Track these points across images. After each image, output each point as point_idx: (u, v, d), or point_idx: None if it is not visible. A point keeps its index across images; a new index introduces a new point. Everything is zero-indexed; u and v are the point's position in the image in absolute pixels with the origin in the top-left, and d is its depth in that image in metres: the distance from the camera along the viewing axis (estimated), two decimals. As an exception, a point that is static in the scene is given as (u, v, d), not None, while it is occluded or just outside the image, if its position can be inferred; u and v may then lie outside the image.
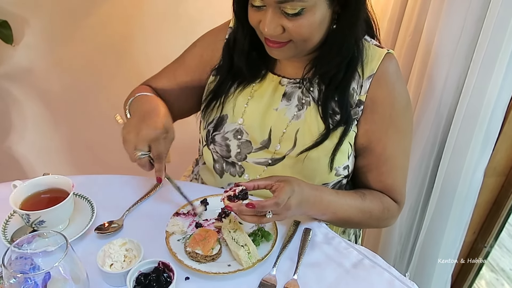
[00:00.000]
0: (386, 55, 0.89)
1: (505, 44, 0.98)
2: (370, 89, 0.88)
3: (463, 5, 1.03)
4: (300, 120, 0.91)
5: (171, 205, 0.90)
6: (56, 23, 1.61)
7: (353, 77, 0.89)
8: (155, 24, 1.67)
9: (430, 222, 1.26)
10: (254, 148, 0.95)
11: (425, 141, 1.19)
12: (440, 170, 1.18)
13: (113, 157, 1.94)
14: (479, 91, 1.05)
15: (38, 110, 1.77)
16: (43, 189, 0.84)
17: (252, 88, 0.96)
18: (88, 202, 0.88)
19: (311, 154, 0.89)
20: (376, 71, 0.88)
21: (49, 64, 1.68)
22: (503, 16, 0.96)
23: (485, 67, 1.02)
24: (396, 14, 1.32)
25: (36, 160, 1.88)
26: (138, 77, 1.76)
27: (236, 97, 0.97)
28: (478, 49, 1.03)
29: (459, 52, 1.08)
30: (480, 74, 1.04)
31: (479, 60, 1.03)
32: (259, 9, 0.79)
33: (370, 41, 0.92)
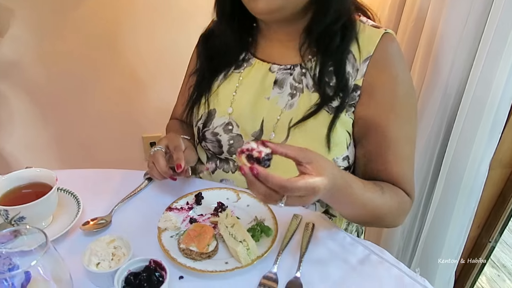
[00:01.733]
0: (384, 35, 0.82)
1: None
2: (367, 72, 0.82)
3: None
4: (293, 109, 0.86)
5: (163, 200, 0.85)
6: (44, 14, 1.55)
7: (348, 53, 0.83)
8: (146, 16, 1.62)
9: (434, 216, 1.22)
10: (246, 142, 0.89)
11: (429, 131, 1.15)
12: (445, 161, 1.13)
13: (103, 152, 1.90)
14: (486, 79, 1.00)
15: (25, 105, 1.71)
16: (24, 184, 0.78)
17: (240, 75, 0.92)
18: (74, 197, 0.82)
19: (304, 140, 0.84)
20: (373, 53, 0.81)
21: (37, 56, 1.62)
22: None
23: (492, 54, 0.98)
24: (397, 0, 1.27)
25: (22, 157, 1.81)
26: (129, 69, 1.72)
27: (222, 89, 0.92)
28: (485, 36, 0.99)
29: (465, 38, 1.03)
30: (487, 62, 0.99)
31: (486, 46, 0.98)
32: None
33: (366, 21, 0.86)
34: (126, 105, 1.81)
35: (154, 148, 0.83)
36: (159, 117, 1.60)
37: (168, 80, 1.72)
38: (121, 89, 1.77)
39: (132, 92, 1.79)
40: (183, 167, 0.79)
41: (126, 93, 1.78)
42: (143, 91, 1.80)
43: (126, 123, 1.86)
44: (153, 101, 1.82)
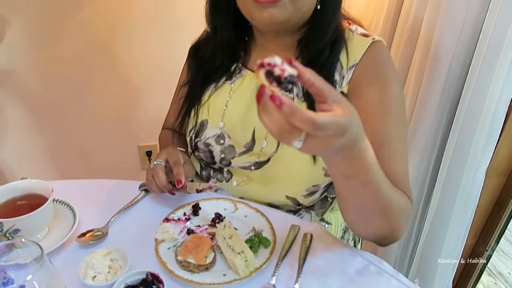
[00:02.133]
0: (372, 43, 0.81)
1: (507, 40, 0.94)
2: (352, 78, 0.81)
3: (464, -2, 1.00)
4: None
5: (160, 210, 0.84)
6: (39, 22, 1.54)
7: (337, 62, 0.81)
8: (142, 24, 1.62)
9: (431, 225, 1.22)
10: (238, 153, 0.89)
11: (425, 140, 1.15)
12: (441, 169, 1.14)
13: (99, 161, 1.88)
14: (481, 88, 1.01)
15: (20, 113, 1.70)
16: (19, 195, 0.77)
17: (230, 89, 0.90)
18: (70, 209, 0.81)
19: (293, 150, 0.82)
20: (359, 60, 0.81)
21: (31, 65, 1.62)
22: (506, 10, 0.92)
23: (487, 63, 0.99)
24: (392, 10, 1.28)
25: (17, 165, 1.80)
26: (125, 76, 1.71)
27: (213, 100, 0.91)
28: (479, 45, 1.00)
29: (460, 47, 1.04)
30: (482, 71, 1.00)
31: (481, 56, 0.99)
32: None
33: (355, 30, 0.85)
34: (122, 113, 1.81)
35: (153, 161, 0.83)
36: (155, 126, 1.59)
37: (165, 88, 1.71)
38: (117, 97, 1.76)
39: (128, 101, 1.78)
40: (183, 183, 0.78)
41: (122, 102, 1.78)
42: (140, 99, 1.79)
43: (122, 131, 1.85)
44: (149, 109, 1.81)
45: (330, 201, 0.93)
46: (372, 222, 0.70)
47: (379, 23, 1.35)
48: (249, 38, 0.91)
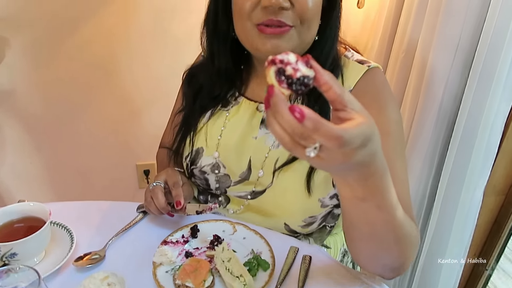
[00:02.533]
0: (367, 71, 0.81)
1: (502, 60, 0.96)
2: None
3: (458, 19, 1.02)
4: (280, 147, 0.83)
5: (158, 233, 0.83)
6: (39, 43, 1.56)
7: None
8: (141, 44, 1.64)
9: (430, 244, 1.22)
10: (233, 182, 0.88)
11: (423, 160, 1.16)
12: (439, 189, 1.14)
13: (97, 180, 1.88)
14: (477, 108, 1.02)
15: (18, 133, 1.70)
16: (16, 218, 0.76)
17: (225, 118, 0.89)
18: (67, 231, 0.80)
19: (287, 183, 0.82)
20: (353, 87, 0.80)
21: (31, 85, 1.62)
22: (500, 29, 0.94)
23: (483, 83, 1.00)
24: (388, 31, 1.31)
25: (14, 185, 1.79)
26: (123, 96, 1.72)
27: (208, 129, 0.90)
28: (474, 65, 1.01)
29: (455, 68, 1.06)
30: (478, 90, 1.01)
31: (476, 75, 1.01)
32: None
33: (351, 56, 0.85)
34: (120, 132, 1.81)
35: (152, 183, 0.83)
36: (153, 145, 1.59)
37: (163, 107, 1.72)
38: (115, 116, 1.77)
39: (126, 120, 1.79)
40: (182, 204, 0.78)
41: (121, 121, 1.78)
42: (138, 118, 1.80)
43: (120, 150, 1.85)
44: (147, 128, 1.82)
45: (328, 229, 0.92)
46: (383, 251, 0.64)
47: (374, 43, 1.37)
48: (245, 65, 0.90)
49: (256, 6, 0.73)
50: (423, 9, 1.12)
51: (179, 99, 1.00)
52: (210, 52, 0.86)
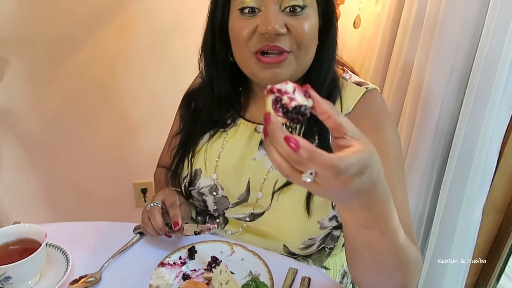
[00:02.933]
0: (366, 92, 0.81)
1: (497, 79, 0.97)
2: None
3: (453, 39, 1.04)
4: None
5: (155, 254, 0.82)
6: (37, 63, 1.57)
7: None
8: (138, 64, 1.65)
9: (430, 263, 1.21)
10: (231, 204, 0.88)
11: (421, 178, 1.16)
12: (438, 209, 1.14)
13: (93, 199, 1.86)
14: (474, 126, 1.03)
15: (15, 152, 1.70)
16: (12, 240, 0.75)
17: (224, 139, 0.89)
18: (63, 253, 0.79)
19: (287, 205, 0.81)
20: (352, 109, 0.80)
21: (29, 105, 1.63)
22: (494, 49, 0.95)
23: (478, 102, 1.01)
24: (384, 51, 1.32)
25: (10, 204, 1.77)
26: (122, 116, 1.72)
27: (207, 150, 0.90)
28: (470, 84, 1.03)
29: (451, 87, 1.07)
30: (474, 109, 1.02)
31: (472, 95, 1.02)
32: (252, 15, 0.72)
33: (349, 78, 0.85)
34: (118, 151, 1.81)
35: (149, 203, 0.82)
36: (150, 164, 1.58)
37: (160, 126, 1.72)
38: (112, 135, 1.77)
39: (123, 139, 1.79)
40: (180, 225, 0.77)
41: (118, 140, 1.78)
42: (135, 137, 1.80)
43: (117, 169, 1.84)
44: (144, 147, 1.82)
45: (328, 251, 0.91)
46: (386, 276, 0.63)
47: (371, 63, 1.39)
48: (243, 87, 0.90)
49: (253, 34, 0.73)
50: (418, 30, 1.14)
51: (177, 121, 0.99)
52: (209, 78, 0.86)
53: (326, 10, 0.77)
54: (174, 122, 1.03)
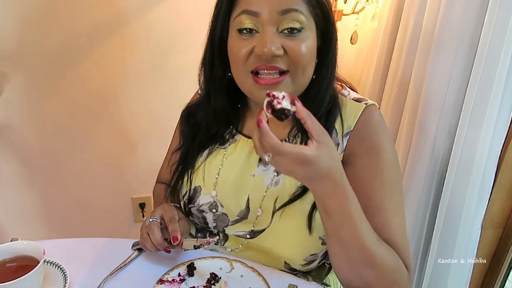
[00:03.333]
0: (365, 109, 0.81)
1: (493, 94, 0.98)
2: (347, 146, 0.80)
3: (449, 56, 1.05)
4: (278, 186, 0.83)
5: (154, 271, 0.81)
6: (37, 78, 1.58)
7: (332, 130, 0.81)
8: (137, 79, 1.66)
9: (430, 279, 1.20)
10: (231, 221, 0.87)
11: (419, 196, 1.16)
12: (436, 225, 1.14)
13: (92, 214, 1.85)
14: (472, 140, 1.04)
15: (13, 168, 1.69)
16: (9, 257, 0.74)
17: (223, 156, 0.89)
18: (61, 270, 0.78)
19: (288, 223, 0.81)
20: (353, 127, 0.81)
21: (27, 120, 1.63)
22: (490, 65, 0.96)
23: (475, 117, 1.02)
24: (381, 66, 1.34)
25: (8, 221, 1.76)
26: (121, 131, 1.73)
27: (206, 167, 0.90)
28: (467, 100, 1.03)
29: (448, 103, 1.08)
30: (471, 125, 1.03)
31: (469, 110, 1.02)
32: (250, 35, 0.73)
33: (348, 94, 0.85)
34: (116, 166, 1.80)
35: (148, 219, 0.82)
36: (148, 178, 1.58)
37: (159, 141, 1.72)
38: (111, 150, 1.77)
39: (122, 153, 1.79)
40: (179, 240, 0.77)
41: (116, 154, 1.78)
42: (133, 152, 1.80)
43: (115, 184, 1.84)
44: (143, 162, 1.82)
45: (328, 266, 0.91)
46: (355, 273, 0.71)
47: (368, 78, 1.40)
48: (242, 103, 0.90)
49: (250, 54, 0.74)
50: (415, 46, 1.16)
51: (176, 137, 0.99)
52: (207, 93, 0.86)
53: (325, 31, 0.77)
54: (174, 137, 1.03)
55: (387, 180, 0.77)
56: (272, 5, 0.70)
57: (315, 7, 0.74)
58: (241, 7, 0.73)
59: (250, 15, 0.71)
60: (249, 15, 0.72)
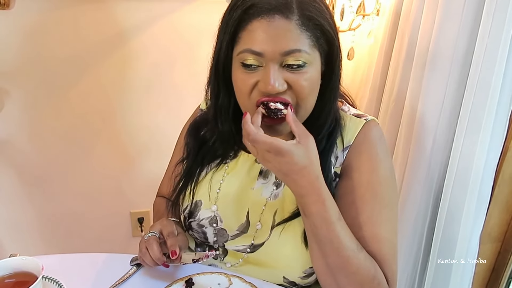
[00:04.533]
0: (365, 124, 0.83)
1: (488, 108, 0.99)
2: (346, 159, 0.82)
3: (444, 71, 1.06)
4: (278, 199, 0.85)
5: (153, 287, 0.82)
6: (37, 94, 1.60)
7: (333, 148, 0.83)
8: (136, 95, 1.68)
9: (429, 294, 1.19)
10: (230, 236, 0.88)
11: (416, 210, 1.16)
12: (434, 240, 1.13)
13: (90, 229, 1.85)
14: (468, 155, 1.04)
15: (12, 183, 1.70)
16: (8, 273, 0.75)
17: (224, 171, 0.91)
18: (59, 286, 0.78)
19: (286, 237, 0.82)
20: (353, 142, 0.83)
21: (26, 135, 1.65)
22: (484, 79, 0.98)
23: (471, 131, 1.03)
24: (377, 81, 1.35)
25: (6, 237, 1.76)
26: (119, 146, 1.74)
27: (208, 181, 0.91)
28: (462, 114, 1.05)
29: (444, 117, 1.09)
30: (467, 138, 1.04)
31: (464, 124, 1.03)
32: (254, 70, 0.73)
33: (348, 110, 0.88)
34: (115, 180, 1.81)
35: (147, 233, 0.82)
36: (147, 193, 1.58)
37: (157, 155, 1.74)
38: (109, 164, 1.78)
39: (120, 168, 1.80)
40: (178, 254, 0.77)
41: (115, 169, 1.79)
42: (132, 166, 1.81)
43: (114, 198, 1.84)
44: (141, 176, 1.82)
45: None
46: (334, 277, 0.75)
47: (365, 93, 1.42)
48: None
49: (254, 87, 0.74)
50: (410, 62, 1.17)
51: (178, 150, 1.00)
52: (214, 116, 0.86)
53: (329, 55, 0.78)
54: (175, 150, 1.04)
55: (378, 195, 0.79)
56: (275, 47, 0.70)
57: (319, 38, 0.74)
58: (244, 45, 0.73)
59: (254, 54, 0.72)
60: (252, 54, 0.72)
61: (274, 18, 0.70)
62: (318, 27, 0.73)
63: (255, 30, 0.71)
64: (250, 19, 0.72)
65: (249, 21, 0.72)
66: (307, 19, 0.72)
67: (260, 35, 0.71)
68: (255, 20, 0.71)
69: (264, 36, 0.71)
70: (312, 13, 0.72)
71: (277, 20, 0.70)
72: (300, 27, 0.71)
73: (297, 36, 0.71)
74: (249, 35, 0.72)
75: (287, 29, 0.70)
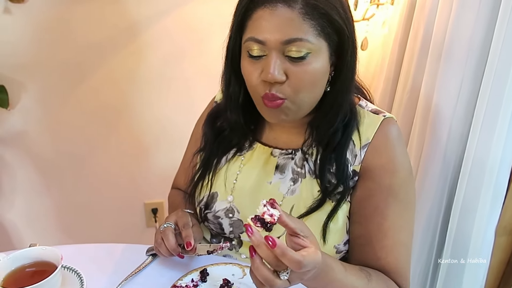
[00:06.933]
0: (384, 121, 0.83)
1: (504, 101, 0.98)
2: (365, 158, 0.82)
3: (460, 62, 1.05)
4: (295, 195, 0.85)
5: (168, 276, 0.83)
6: (52, 87, 1.62)
7: (349, 142, 0.83)
8: (148, 87, 1.70)
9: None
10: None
11: (431, 203, 1.15)
12: (449, 232, 1.13)
13: (105, 220, 1.88)
14: (484, 147, 1.03)
15: (29, 175, 1.73)
16: (28, 263, 0.77)
17: (241, 162, 0.91)
18: (77, 275, 0.80)
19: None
20: (372, 140, 0.82)
21: (44, 128, 1.67)
22: (501, 71, 0.96)
23: (488, 122, 1.01)
24: (391, 73, 1.34)
25: (24, 225, 1.80)
26: (133, 137, 1.76)
27: (224, 173, 0.92)
28: (478, 106, 1.03)
29: (459, 109, 1.08)
30: (483, 130, 1.02)
31: (481, 116, 1.02)
32: (258, 59, 0.75)
33: (365, 106, 0.87)
34: (128, 172, 1.83)
35: (163, 224, 0.84)
36: (161, 184, 1.61)
37: (170, 146, 1.76)
38: (123, 156, 1.80)
39: (134, 159, 1.82)
40: (193, 245, 0.79)
41: (129, 160, 1.81)
42: (146, 158, 1.83)
43: (128, 190, 1.87)
44: (155, 167, 1.84)
45: None
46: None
47: (379, 84, 1.41)
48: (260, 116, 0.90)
49: (258, 76, 0.76)
50: (425, 53, 1.16)
51: (194, 141, 1.01)
52: (225, 105, 0.89)
53: (340, 46, 0.77)
54: (190, 143, 1.05)
55: (401, 199, 0.81)
56: (277, 35, 0.71)
57: (325, 27, 0.73)
58: (249, 33, 0.75)
59: (257, 42, 0.73)
60: (255, 42, 0.73)
61: (276, 7, 0.71)
62: (324, 16, 0.72)
63: (258, 19, 0.73)
64: (255, 8, 0.73)
65: (254, 9, 0.74)
66: (312, 8, 0.71)
67: (262, 24, 0.72)
68: (259, 9, 0.73)
69: (266, 25, 0.72)
70: (317, 2, 0.72)
71: (279, 8, 0.71)
72: (303, 16, 0.71)
73: (300, 24, 0.71)
74: (253, 24, 0.74)
75: (289, 17, 0.71)
